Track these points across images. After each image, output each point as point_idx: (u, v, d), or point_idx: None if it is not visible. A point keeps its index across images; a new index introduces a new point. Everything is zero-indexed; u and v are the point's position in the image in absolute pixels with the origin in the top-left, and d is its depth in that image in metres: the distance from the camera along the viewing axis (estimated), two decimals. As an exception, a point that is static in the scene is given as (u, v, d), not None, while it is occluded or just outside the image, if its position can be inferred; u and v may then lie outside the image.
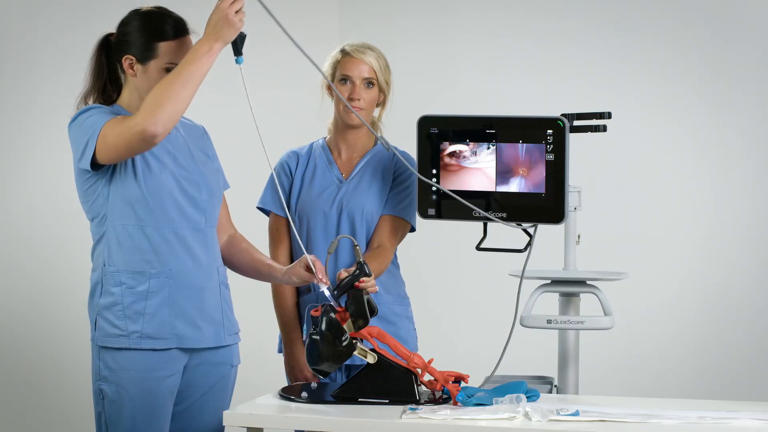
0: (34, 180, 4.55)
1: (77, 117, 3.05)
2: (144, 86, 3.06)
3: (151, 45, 3.05)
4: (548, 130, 3.28)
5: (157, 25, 3.07)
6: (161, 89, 2.91)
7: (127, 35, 3.08)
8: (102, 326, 3.04)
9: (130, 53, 3.07)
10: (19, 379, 4.52)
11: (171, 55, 3.06)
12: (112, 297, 3.04)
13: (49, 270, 4.58)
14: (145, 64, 3.06)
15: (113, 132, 2.94)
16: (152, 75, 3.05)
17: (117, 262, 3.06)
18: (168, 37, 3.07)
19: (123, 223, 3.05)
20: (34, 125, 4.54)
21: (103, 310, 3.04)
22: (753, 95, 4.97)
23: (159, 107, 2.89)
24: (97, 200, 3.07)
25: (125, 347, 3.02)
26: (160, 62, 3.05)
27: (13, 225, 4.51)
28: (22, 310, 4.53)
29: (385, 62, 3.60)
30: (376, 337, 3.07)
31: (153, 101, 2.90)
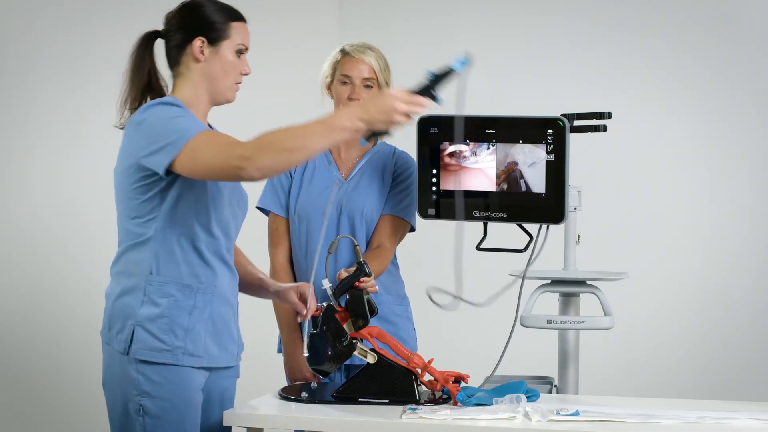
0: (34, 180, 4.55)
1: (153, 108, 2.87)
2: (215, 70, 2.95)
3: (225, 24, 2.95)
4: (548, 130, 3.28)
5: (227, 8, 2.98)
6: (283, 136, 2.74)
7: (196, 18, 2.96)
8: (143, 338, 2.84)
9: (201, 35, 2.94)
10: (19, 379, 4.52)
11: (242, 37, 2.97)
12: (158, 308, 2.85)
13: (49, 270, 4.58)
14: (217, 44, 2.94)
15: (208, 150, 2.77)
16: (225, 57, 2.95)
17: (166, 272, 2.86)
18: (239, 18, 2.99)
19: (178, 232, 2.88)
20: (34, 125, 4.54)
21: (146, 321, 2.84)
22: (753, 95, 4.97)
23: (271, 153, 2.72)
24: (149, 201, 2.87)
25: (169, 363, 2.85)
26: (232, 43, 2.95)
27: (13, 225, 4.51)
28: (22, 310, 4.53)
29: (385, 62, 3.60)
30: (376, 337, 3.07)
31: (268, 144, 2.73)
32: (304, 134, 2.75)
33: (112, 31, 4.73)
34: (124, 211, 2.91)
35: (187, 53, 2.98)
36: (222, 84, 2.98)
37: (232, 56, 2.96)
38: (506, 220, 3.36)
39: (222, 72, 2.96)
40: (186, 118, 2.84)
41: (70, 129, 4.64)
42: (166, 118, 2.84)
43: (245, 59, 3.00)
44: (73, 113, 4.64)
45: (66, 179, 4.63)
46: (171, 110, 2.87)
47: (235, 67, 2.98)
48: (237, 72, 2.98)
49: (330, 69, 3.60)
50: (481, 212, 3.37)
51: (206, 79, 2.97)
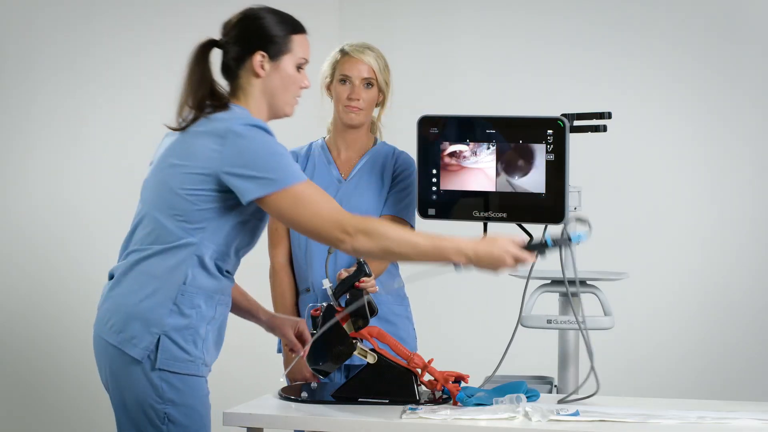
0: (34, 180, 4.55)
1: (253, 130, 2.77)
2: (275, 85, 2.90)
3: (286, 38, 2.89)
4: (548, 130, 3.28)
5: (289, 19, 2.93)
6: (393, 237, 2.74)
7: (256, 31, 2.89)
8: (169, 348, 2.76)
9: (261, 49, 2.88)
10: (19, 379, 4.52)
11: (303, 50, 2.92)
12: (186, 319, 2.78)
13: (49, 270, 4.58)
14: (278, 59, 2.88)
15: (313, 207, 2.74)
16: (286, 72, 2.89)
17: (199, 283, 2.80)
18: (300, 30, 2.94)
19: (214, 249, 2.82)
20: (34, 125, 4.54)
21: (172, 331, 2.77)
22: (753, 95, 4.97)
23: (373, 244, 2.73)
24: (206, 211, 2.79)
25: (191, 373, 2.80)
26: (293, 57, 2.90)
27: (13, 225, 4.51)
28: (22, 310, 4.53)
29: (384, 62, 3.60)
30: (376, 337, 3.07)
31: (376, 235, 2.73)
32: (411, 247, 2.76)
33: (112, 31, 4.73)
34: (167, 208, 2.81)
35: (246, 67, 2.90)
36: (281, 99, 2.92)
37: (293, 70, 2.91)
38: (506, 220, 3.36)
39: (282, 87, 2.91)
40: (290, 159, 2.78)
41: (70, 129, 4.64)
42: (270, 151, 2.77)
43: (305, 72, 2.95)
44: (73, 113, 4.64)
45: (66, 179, 4.63)
46: (274, 143, 2.79)
47: (295, 81, 2.92)
48: (297, 86, 2.93)
49: (329, 69, 3.60)
50: (481, 212, 3.37)
51: (266, 94, 2.91)
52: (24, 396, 4.53)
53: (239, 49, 2.89)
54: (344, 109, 3.56)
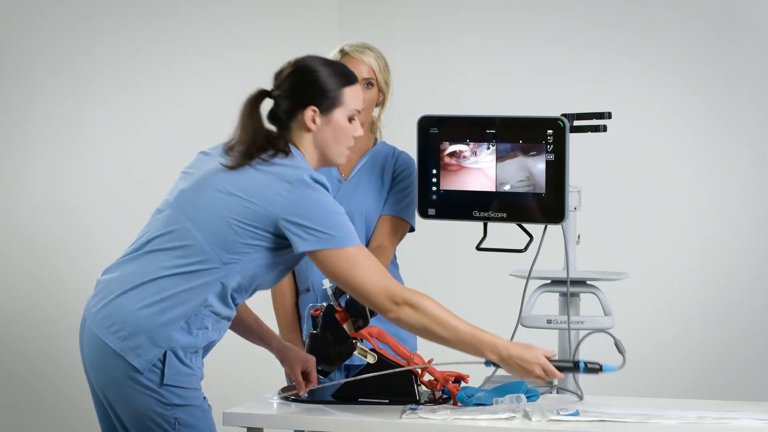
0: (34, 180, 4.55)
1: (318, 188, 2.78)
2: (327, 138, 2.89)
3: (338, 92, 2.87)
4: (548, 130, 3.28)
5: (340, 71, 2.91)
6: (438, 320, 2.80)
7: (309, 85, 2.88)
8: (174, 364, 2.77)
9: (313, 104, 2.87)
10: (19, 379, 4.52)
11: (356, 101, 2.90)
12: (193, 338, 2.80)
13: (49, 270, 4.58)
14: (330, 113, 2.88)
15: (368, 272, 2.77)
16: (338, 124, 2.88)
17: (214, 308, 2.81)
18: (352, 81, 2.92)
19: (243, 283, 2.82)
20: (34, 125, 4.54)
21: (178, 348, 2.78)
22: (753, 95, 4.97)
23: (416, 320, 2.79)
24: (247, 246, 2.80)
25: (193, 387, 2.82)
26: (345, 110, 2.89)
27: (13, 225, 4.51)
28: (22, 310, 4.53)
29: (384, 62, 3.59)
30: (376, 337, 3.07)
31: (423, 312, 2.79)
32: (451, 331, 2.82)
33: (112, 31, 4.73)
34: (210, 232, 2.80)
35: (297, 120, 2.89)
36: (333, 151, 2.92)
37: (345, 122, 2.90)
38: (506, 220, 3.35)
39: (334, 140, 2.90)
40: (348, 221, 2.81)
41: (70, 129, 4.64)
42: (333, 209, 2.79)
43: (357, 122, 2.93)
44: (73, 113, 4.64)
45: (66, 179, 4.63)
46: (334, 202, 2.81)
47: (347, 133, 2.91)
48: (349, 137, 2.92)
49: (330, 69, 3.60)
50: (481, 212, 3.37)
51: (317, 147, 2.91)
52: (24, 396, 4.53)
53: (290, 102, 2.89)
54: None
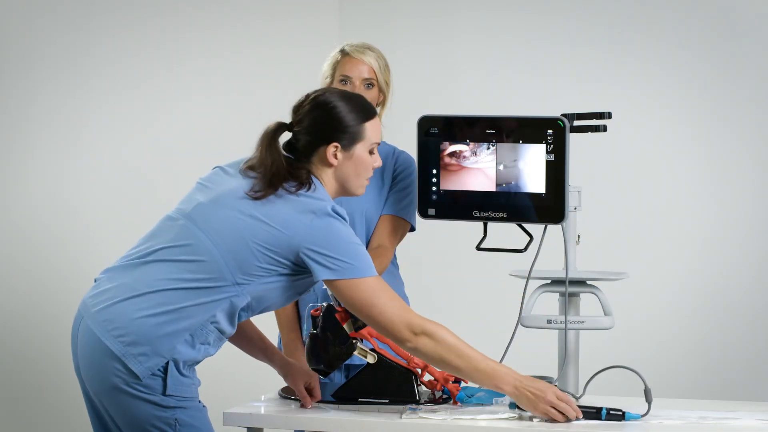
0: (34, 180, 4.55)
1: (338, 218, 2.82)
2: (348, 172, 2.90)
3: (359, 127, 2.89)
4: (548, 130, 3.28)
5: (360, 105, 2.92)
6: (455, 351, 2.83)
7: (329, 122, 2.89)
8: (175, 375, 2.79)
9: (334, 141, 2.88)
10: (19, 379, 4.52)
11: (375, 134, 2.92)
12: (195, 352, 2.81)
13: (49, 270, 4.58)
14: (351, 149, 2.89)
15: (388, 303, 2.81)
16: (359, 159, 2.90)
17: (219, 324, 2.83)
18: (372, 115, 2.93)
19: (252, 303, 2.84)
20: (34, 125, 4.54)
21: (180, 360, 2.79)
22: (754, 95, 4.97)
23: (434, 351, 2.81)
24: (263, 270, 2.81)
25: (193, 396, 2.84)
26: (366, 144, 2.91)
27: (13, 225, 4.51)
28: (22, 310, 4.53)
29: (384, 62, 3.59)
30: (376, 337, 3.06)
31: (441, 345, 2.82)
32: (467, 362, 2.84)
33: (112, 31, 4.73)
34: (227, 251, 2.80)
35: (318, 154, 2.90)
36: (354, 184, 2.95)
37: (366, 156, 2.92)
38: (506, 220, 3.35)
39: (355, 174, 2.92)
40: (365, 251, 2.83)
41: (70, 129, 4.64)
42: (353, 240, 2.82)
43: (377, 153, 2.96)
44: (73, 113, 4.64)
45: (66, 179, 4.63)
46: (353, 234, 2.84)
47: (368, 166, 2.94)
48: (369, 169, 2.95)
49: (330, 69, 3.60)
50: (481, 212, 3.37)
51: (338, 180, 2.93)
52: (24, 396, 4.53)
53: (311, 138, 2.89)
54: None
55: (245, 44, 5.02)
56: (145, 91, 4.81)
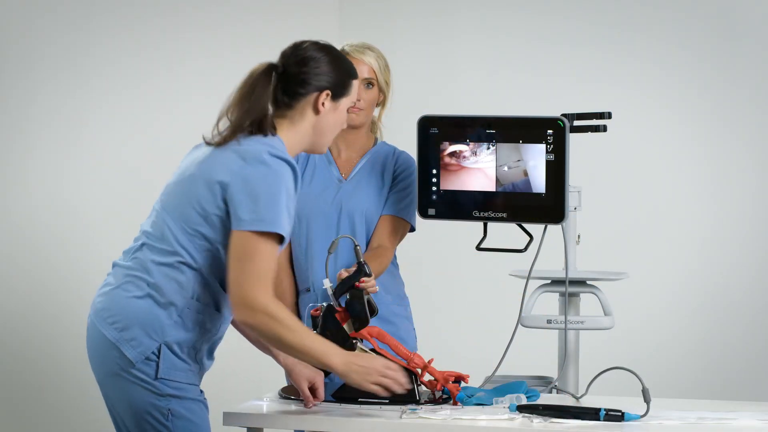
0: (34, 180, 4.55)
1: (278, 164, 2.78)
2: (328, 123, 2.92)
3: (348, 82, 2.93)
4: (548, 130, 3.28)
5: (350, 65, 2.96)
6: (286, 331, 2.76)
7: (325, 70, 2.91)
8: (169, 358, 2.79)
9: (328, 88, 2.90)
10: (19, 379, 4.52)
11: (357, 93, 2.98)
12: (189, 333, 2.82)
13: (49, 270, 4.58)
14: (338, 101, 2.92)
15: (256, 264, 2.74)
16: (340, 113, 2.94)
17: (205, 298, 2.84)
18: (356, 75, 2.97)
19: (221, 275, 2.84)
20: (34, 125, 4.54)
21: (173, 343, 2.80)
22: (754, 95, 4.97)
23: (267, 327, 2.76)
24: (224, 231, 2.79)
25: (190, 382, 2.84)
26: (348, 101, 2.95)
27: (13, 225, 4.51)
28: (22, 310, 4.53)
29: (384, 62, 3.60)
30: (376, 337, 3.07)
31: (276, 319, 2.75)
32: (301, 344, 2.79)
33: (112, 31, 4.73)
34: (184, 224, 2.82)
35: (306, 101, 2.90)
36: (327, 137, 2.95)
37: (345, 112, 2.96)
38: (506, 220, 3.36)
39: (333, 126, 2.94)
40: (284, 209, 2.77)
41: (70, 129, 4.64)
42: (277, 191, 2.76)
43: None
44: (73, 113, 4.64)
45: (66, 179, 4.63)
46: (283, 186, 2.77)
47: (344, 122, 2.97)
48: (342, 126, 2.98)
49: (330, 69, 3.60)
50: (481, 212, 3.37)
51: (315, 131, 2.93)
52: (24, 396, 4.53)
53: (305, 83, 2.89)
54: (345, 110, 3.55)
55: (245, 44, 5.02)
56: (145, 91, 4.81)
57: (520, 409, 2.88)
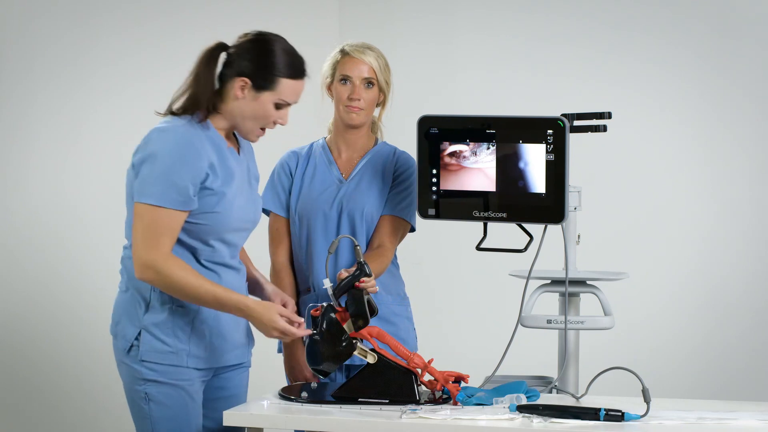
0: (35, 180, 4.55)
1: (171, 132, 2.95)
2: (246, 111, 2.98)
3: (274, 78, 2.96)
4: (548, 130, 3.28)
5: (292, 62, 2.98)
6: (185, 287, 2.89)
7: (252, 58, 2.97)
8: (148, 341, 2.97)
9: (248, 77, 2.96)
10: (20, 378, 4.52)
11: (286, 94, 2.99)
12: (162, 315, 2.98)
13: (49, 270, 4.58)
14: (259, 92, 2.97)
15: (135, 232, 2.91)
16: (261, 105, 2.97)
17: None
18: (296, 76, 2.99)
19: (177, 251, 2.97)
20: (34, 125, 4.54)
21: (151, 326, 2.97)
22: (753, 95, 4.97)
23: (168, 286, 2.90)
24: None
25: (173, 364, 2.98)
26: (273, 96, 2.97)
27: (13, 225, 4.51)
28: (22, 310, 4.53)
29: (384, 62, 3.60)
30: (376, 337, 3.07)
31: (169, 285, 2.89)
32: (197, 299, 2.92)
33: (112, 31, 4.73)
34: (129, 209, 3.00)
35: (231, 84, 2.99)
36: (246, 126, 3.01)
37: (269, 107, 2.98)
38: (506, 220, 3.36)
39: (251, 116, 2.99)
40: (155, 174, 2.90)
41: (70, 129, 4.64)
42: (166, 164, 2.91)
43: (286, 112, 3.01)
44: (73, 113, 4.64)
45: (66, 179, 4.63)
46: (159, 160, 2.92)
47: (267, 116, 2.99)
48: (267, 121, 3.00)
49: (330, 69, 3.60)
50: (481, 212, 3.37)
51: (236, 116, 3.00)
52: (24, 396, 4.53)
53: (229, 66, 2.99)
54: (345, 110, 3.56)
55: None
56: (145, 91, 4.81)
57: (520, 409, 2.88)
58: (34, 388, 4.56)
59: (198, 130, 2.96)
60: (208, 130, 2.99)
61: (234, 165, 3.03)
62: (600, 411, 2.84)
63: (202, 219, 2.96)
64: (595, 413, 2.84)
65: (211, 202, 2.95)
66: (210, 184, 2.94)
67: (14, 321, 4.51)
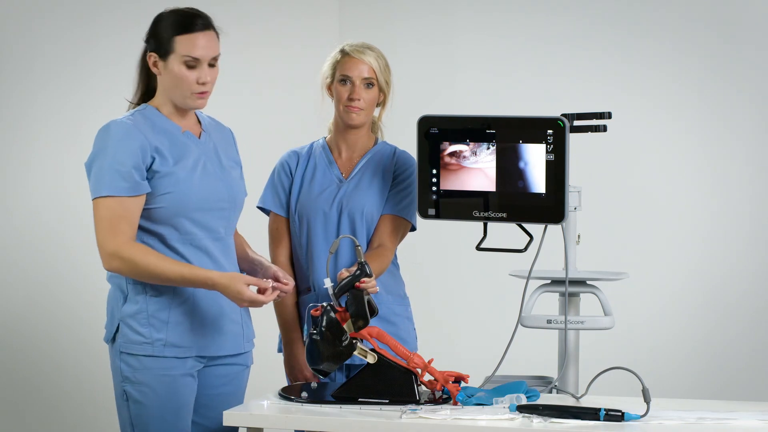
0: (35, 180, 4.55)
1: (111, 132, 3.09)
2: (168, 83, 3.07)
3: (168, 39, 3.04)
4: (548, 130, 3.28)
5: (181, 19, 3.06)
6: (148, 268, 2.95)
7: (150, 33, 3.10)
8: (125, 333, 3.04)
9: (153, 50, 3.08)
10: (20, 378, 4.52)
11: (187, 47, 3.04)
12: (136, 305, 3.04)
13: (49, 270, 4.58)
14: (166, 60, 3.05)
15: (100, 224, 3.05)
16: (173, 70, 3.05)
17: None
18: (187, 30, 3.04)
19: (145, 239, 3.05)
20: (34, 125, 4.54)
21: (127, 318, 3.04)
22: (753, 95, 4.97)
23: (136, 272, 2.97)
24: None
25: (149, 354, 3.02)
26: (177, 56, 3.04)
27: (13, 224, 4.51)
28: (22, 310, 4.53)
29: (384, 62, 3.60)
30: (376, 337, 3.07)
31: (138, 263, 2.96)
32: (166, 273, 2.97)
33: (112, 31, 4.73)
34: None
35: (150, 64, 3.12)
36: (177, 95, 3.09)
37: (180, 69, 3.05)
38: (506, 220, 3.36)
39: (173, 85, 3.07)
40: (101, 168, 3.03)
41: (70, 129, 4.64)
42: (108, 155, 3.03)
43: (204, 68, 3.06)
44: (73, 113, 4.64)
45: (66, 179, 4.63)
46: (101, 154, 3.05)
47: (185, 79, 3.05)
48: (189, 83, 3.06)
49: (330, 69, 3.60)
50: (481, 212, 3.37)
51: (164, 91, 3.10)
52: (24, 396, 4.53)
53: (144, 47, 3.13)
54: (345, 110, 3.56)
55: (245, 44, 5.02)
56: (144, 91, 4.81)
57: (520, 409, 2.88)
58: (34, 388, 4.55)
59: (141, 118, 3.07)
60: (155, 118, 3.08)
61: (192, 147, 3.10)
62: (600, 411, 2.84)
63: (159, 202, 3.02)
64: (595, 413, 2.84)
65: (163, 184, 3.02)
66: (158, 167, 3.01)
67: (14, 321, 4.51)
